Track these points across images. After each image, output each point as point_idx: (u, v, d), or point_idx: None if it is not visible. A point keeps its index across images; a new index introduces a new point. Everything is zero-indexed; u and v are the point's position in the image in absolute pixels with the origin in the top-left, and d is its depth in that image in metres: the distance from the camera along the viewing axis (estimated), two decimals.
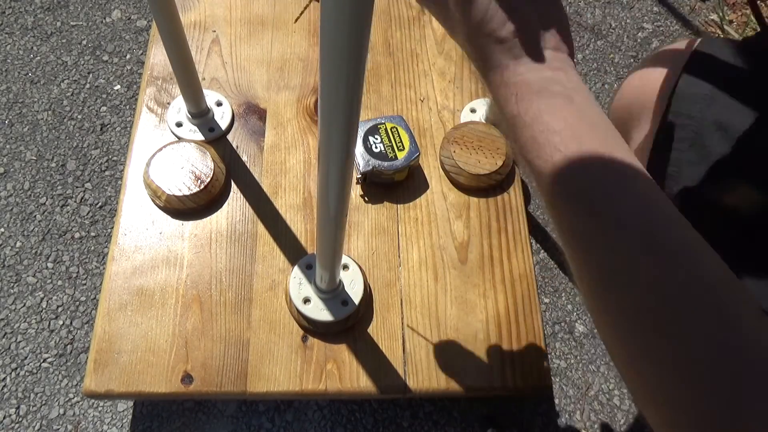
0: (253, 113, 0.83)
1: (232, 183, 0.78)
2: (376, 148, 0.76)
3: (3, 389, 0.86)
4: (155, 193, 0.74)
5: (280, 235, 0.75)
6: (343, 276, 0.70)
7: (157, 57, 0.86)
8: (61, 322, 0.91)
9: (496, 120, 0.82)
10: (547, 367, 0.70)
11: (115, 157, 1.05)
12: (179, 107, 0.81)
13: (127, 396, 0.73)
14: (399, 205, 0.78)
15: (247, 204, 0.76)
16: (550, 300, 0.99)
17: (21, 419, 0.84)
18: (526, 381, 0.69)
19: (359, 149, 0.75)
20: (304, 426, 0.85)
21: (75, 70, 1.14)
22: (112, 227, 0.76)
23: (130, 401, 0.86)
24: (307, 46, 0.89)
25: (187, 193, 0.73)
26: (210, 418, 0.85)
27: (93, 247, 0.97)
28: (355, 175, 0.76)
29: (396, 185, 0.78)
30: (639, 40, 1.27)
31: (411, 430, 0.86)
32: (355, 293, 0.69)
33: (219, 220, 0.75)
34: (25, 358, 0.88)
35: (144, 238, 0.73)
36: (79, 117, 1.09)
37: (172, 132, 0.80)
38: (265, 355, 0.68)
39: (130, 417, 0.85)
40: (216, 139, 0.80)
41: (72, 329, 0.91)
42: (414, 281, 0.73)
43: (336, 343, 0.69)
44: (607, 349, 0.33)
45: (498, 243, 0.76)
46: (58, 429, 0.84)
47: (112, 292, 0.70)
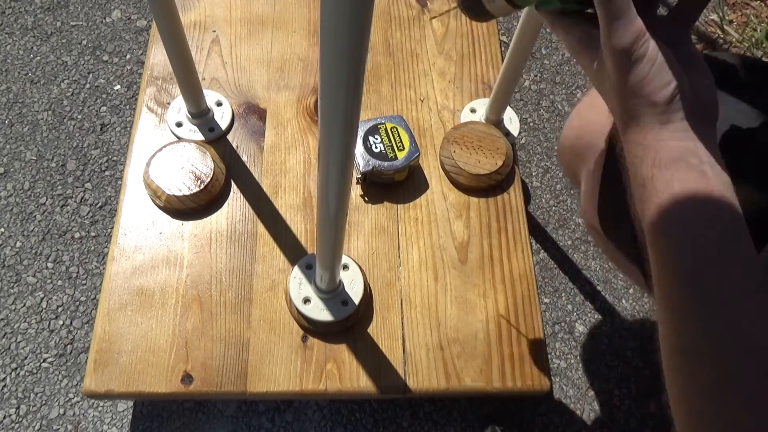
0: (253, 113, 0.83)
1: (232, 183, 0.78)
2: (376, 148, 0.76)
3: (3, 389, 0.86)
4: (155, 193, 0.74)
5: (280, 235, 0.75)
6: (343, 276, 0.70)
7: (157, 57, 0.86)
8: (61, 322, 0.91)
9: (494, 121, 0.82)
10: (547, 367, 0.70)
11: (115, 157, 1.05)
12: (179, 107, 0.81)
13: (127, 396, 0.73)
14: (399, 205, 0.78)
15: (247, 204, 0.76)
16: (550, 300, 0.99)
17: (21, 419, 0.84)
18: (526, 381, 0.69)
19: (359, 149, 0.75)
20: (304, 426, 0.85)
21: (75, 70, 1.14)
22: (112, 227, 0.76)
23: (130, 401, 0.86)
24: (307, 46, 0.89)
25: (187, 193, 0.73)
26: (210, 418, 0.85)
27: (93, 247, 0.97)
28: (355, 175, 0.76)
29: (396, 185, 0.78)
30: None
31: (411, 430, 0.86)
32: (355, 293, 0.69)
33: (219, 220, 0.75)
34: (25, 358, 0.88)
35: (144, 238, 0.73)
36: (79, 117, 1.09)
37: (172, 132, 0.80)
38: (265, 355, 0.68)
39: (130, 417, 0.85)
40: (216, 139, 0.80)
41: (72, 329, 0.91)
42: (414, 281, 0.73)
43: (336, 343, 0.69)
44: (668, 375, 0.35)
45: (498, 243, 0.76)
46: (58, 429, 0.84)
47: (112, 292, 0.70)
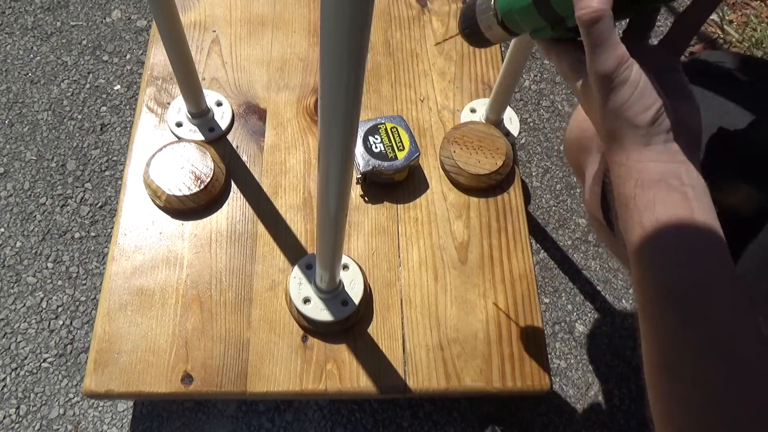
0: (253, 113, 0.83)
1: (232, 183, 0.78)
2: (376, 148, 0.76)
3: (3, 389, 0.86)
4: (155, 193, 0.74)
5: (280, 235, 0.75)
6: (343, 276, 0.70)
7: (157, 57, 0.86)
8: (61, 322, 0.91)
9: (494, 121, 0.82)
10: (547, 367, 0.70)
11: (115, 157, 1.05)
12: (179, 107, 0.81)
13: (127, 396, 0.73)
14: (399, 205, 0.78)
15: (247, 204, 0.76)
16: (550, 300, 0.99)
17: (21, 419, 0.84)
18: (526, 381, 0.69)
19: (359, 149, 0.75)
20: (304, 426, 0.85)
21: (75, 70, 1.14)
22: (112, 227, 0.76)
23: (130, 401, 0.86)
24: (307, 46, 0.89)
25: (187, 193, 0.73)
26: (210, 418, 0.85)
27: (93, 247, 0.97)
28: (355, 175, 0.76)
29: (396, 185, 0.78)
30: None
31: (411, 430, 0.86)
32: (355, 293, 0.69)
33: (219, 220, 0.75)
34: (25, 358, 0.88)
35: (144, 238, 0.73)
36: (79, 117, 1.09)
37: (172, 132, 0.80)
38: (265, 355, 0.68)
39: (130, 417, 0.85)
40: (216, 139, 0.80)
41: (72, 329, 0.91)
42: (414, 281, 0.73)
43: (336, 343, 0.69)
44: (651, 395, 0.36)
45: (498, 243, 0.76)
46: (58, 429, 0.84)
47: (112, 292, 0.70)
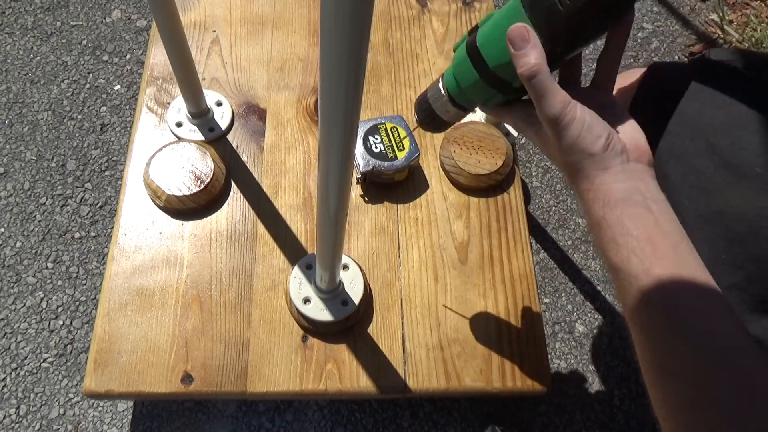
0: (253, 113, 0.83)
1: (232, 183, 0.78)
2: (376, 148, 0.75)
3: (3, 389, 0.86)
4: (155, 193, 0.74)
5: (280, 235, 0.75)
6: (343, 276, 0.70)
7: (157, 57, 0.86)
8: (61, 322, 0.91)
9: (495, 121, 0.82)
10: (547, 367, 0.70)
11: (115, 157, 1.05)
12: (179, 107, 0.81)
13: (127, 396, 0.73)
14: (399, 205, 0.78)
15: (247, 204, 0.76)
16: (550, 300, 0.99)
17: (21, 419, 0.84)
18: (526, 381, 0.69)
19: (359, 149, 0.75)
20: (304, 426, 0.85)
21: (75, 70, 1.14)
22: (112, 227, 0.76)
23: (130, 401, 0.86)
24: (307, 46, 0.89)
25: (187, 193, 0.73)
26: (210, 418, 0.85)
27: (93, 247, 0.97)
28: (355, 175, 0.76)
29: (396, 185, 0.78)
30: (639, 40, 1.27)
31: (411, 430, 0.86)
32: (355, 293, 0.69)
33: (219, 220, 0.75)
34: (25, 358, 0.88)
35: (144, 238, 0.73)
36: (79, 117, 1.09)
37: (172, 132, 0.80)
38: (265, 355, 0.68)
39: (130, 417, 0.85)
40: (216, 139, 0.80)
41: (72, 329, 0.91)
42: (414, 281, 0.73)
43: (336, 343, 0.69)
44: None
45: (498, 243, 0.76)
46: (58, 429, 0.84)
47: (112, 292, 0.70)
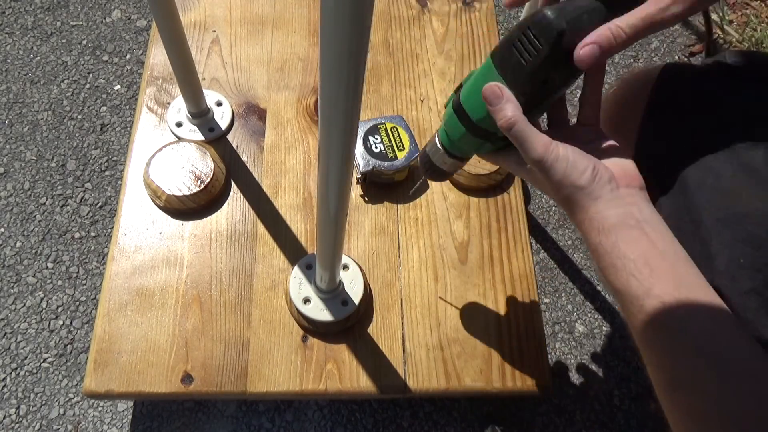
0: (253, 113, 0.83)
1: (232, 183, 0.78)
2: (376, 148, 0.75)
3: (3, 389, 0.86)
4: (155, 193, 0.74)
5: (280, 235, 0.75)
6: (343, 276, 0.70)
7: (157, 57, 0.86)
8: (61, 322, 0.91)
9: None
10: (547, 367, 0.70)
11: (115, 157, 1.05)
12: (179, 107, 0.81)
13: (127, 396, 0.73)
14: (399, 205, 0.78)
15: (247, 204, 0.76)
16: (550, 300, 0.99)
17: (21, 419, 0.84)
18: (526, 381, 0.69)
19: (359, 149, 0.75)
20: (304, 426, 0.85)
21: (75, 70, 1.14)
22: (112, 227, 0.76)
23: (130, 401, 0.86)
24: (307, 46, 0.89)
25: (187, 193, 0.73)
26: (210, 418, 0.85)
27: (93, 247, 0.97)
28: (355, 175, 0.76)
29: (396, 185, 0.78)
30: (639, 40, 1.27)
31: (411, 430, 0.86)
32: (355, 293, 0.69)
33: (219, 220, 0.75)
34: (25, 358, 0.88)
35: (144, 238, 0.73)
36: (79, 117, 1.09)
37: (172, 132, 0.80)
38: (265, 355, 0.68)
39: (130, 417, 0.85)
40: (216, 139, 0.80)
41: (72, 329, 0.91)
42: (414, 281, 0.73)
43: (336, 343, 0.69)
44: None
45: (498, 243, 0.76)
46: (58, 429, 0.84)
47: (112, 292, 0.70)
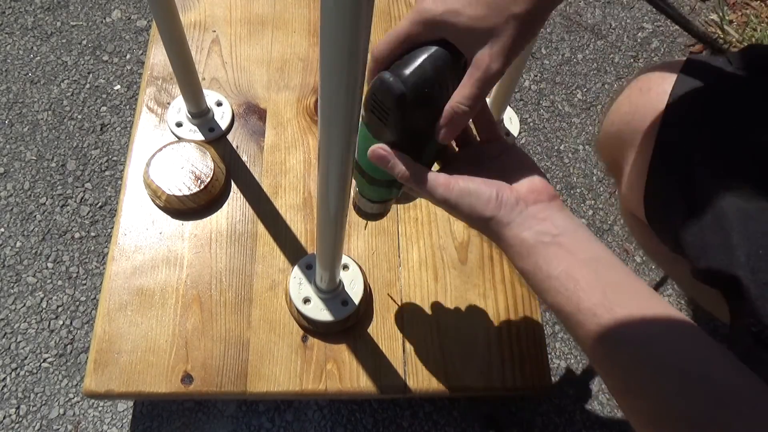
0: (253, 113, 0.83)
1: (232, 183, 0.78)
2: None
3: (3, 389, 0.86)
4: (155, 193, 0.74)
5: (280, 235, 0.75)
6: (343, 276, 0.70)
7: (157, 57, 0.86)
8: (61, 322, 0.91)
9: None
10: (547, 367, 0.70)
11: (115, 157, 1.05)
12: (179, 107, 0.81)
13: (127, 396, 0.73)
14: (399, 205, 0.78)
15: (247, 204, 0.76)
16: None
17: (21, 419, 0.84)
18: (526, 381, 0.69)
19: None
20: (304, 426, 0.85)
21: (75, 70, 1.14)
22: (112, 227, 0.76)
23: (130, 401, 0.86)
24: (307, 46, 0.89)
25: (187, 193, 0.73)
26: (210, 418, 0.85)
27: (93, 247, 0.97)
28: None
29: None
30: (639, 40, 1.27)
31: (411, 430, 0.86)
32: (355, 293, 0.69)
33: (219, 220, 0.75)
34: (25, 358, 0.88)
35: (144, 238, 0.73)
36: (79, 117, 1.09)
37: (172, 132, 0.80)
38: (265, 355, 0.68)
39: (130, 417, 0.85)
40: (216, 139, 0.80)
41: (72, 329, 0.91)
42: (414, 281, 0.73)
43: (336, 343, 0.69)
44: None
45: None
46: (58, 429, 0.84)
47: (112, 292, 0.70)
